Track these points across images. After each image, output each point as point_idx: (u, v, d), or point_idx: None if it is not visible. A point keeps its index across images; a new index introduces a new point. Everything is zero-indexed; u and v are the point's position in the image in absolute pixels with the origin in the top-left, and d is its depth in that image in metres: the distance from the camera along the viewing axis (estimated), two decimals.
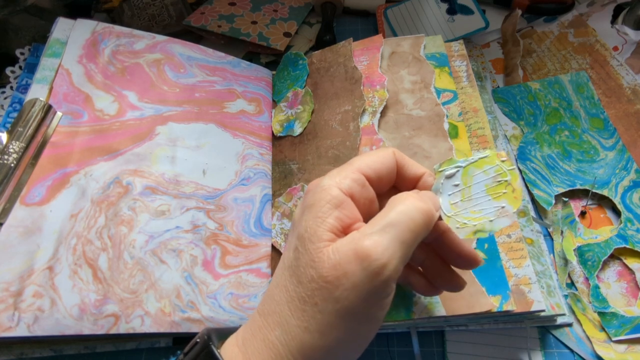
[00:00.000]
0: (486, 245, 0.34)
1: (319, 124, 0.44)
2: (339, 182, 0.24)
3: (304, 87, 0.47)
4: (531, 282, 0.33)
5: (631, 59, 0.48)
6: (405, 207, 0.22)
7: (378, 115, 0.41)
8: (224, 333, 0.24)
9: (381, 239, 0.21)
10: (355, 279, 0.20)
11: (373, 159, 0.25)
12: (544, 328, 0.37)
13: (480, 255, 0.33)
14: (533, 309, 0.32)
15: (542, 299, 0.33)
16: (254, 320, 0.23)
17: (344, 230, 0.23)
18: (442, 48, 0.45)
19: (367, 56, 0.45)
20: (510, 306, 0.31)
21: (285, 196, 0.42)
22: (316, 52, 0.49)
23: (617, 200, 0.41)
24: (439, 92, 0.42)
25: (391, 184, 0.27)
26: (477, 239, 0.34)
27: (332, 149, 0.41)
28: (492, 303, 0.31)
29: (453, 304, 0.31)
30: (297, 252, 0.23)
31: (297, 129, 0.44)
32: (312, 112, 0.45)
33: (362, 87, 0.43)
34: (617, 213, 0.41)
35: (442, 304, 0.32)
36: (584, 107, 0.47)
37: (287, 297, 0.22)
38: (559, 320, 0.36)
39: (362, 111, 0.41)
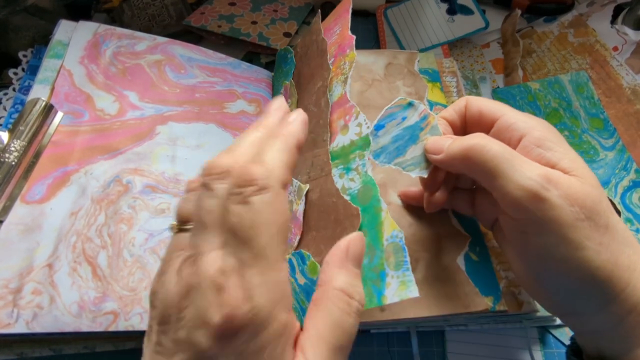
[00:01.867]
0: (477, 249, 0.34)
1: None
2: None
3: (290, 79, 0.46)
4: None
5: (631, 59, 0.48)
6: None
7: (349, 81, 0.37)
8: None
9: None
10: None
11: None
12: (543, 328, 0.37)
13: (473, 258, 0.33)
14: (523, 310, 0.33)
15: (533, 300, 0.33)
16: None
17: None
18: (434, 65, 0.46)
19: (339, 24, 0.42)
20: (502, 307, 0.31)
21: None
22: (299, 40, 0.47)
23: (616, 200, 0.41)
24: (431, 104, 0.43)
25: None
26: (469, 243, 0.34)
27: (311, 133, 0.39)
28: (486, 303, 0.31)
29: (448, 303, 0.31)
30: None
31: None
32: (297, 102, 0.44)
33: (327, 56, 0.40)
34: (617, 213, 0.41)
35: (437, 304, 0.31)
36: (583, 107, 0.47)
37: None
38: (559, 320, 0.36)
39: (330, 81, 0.39)
